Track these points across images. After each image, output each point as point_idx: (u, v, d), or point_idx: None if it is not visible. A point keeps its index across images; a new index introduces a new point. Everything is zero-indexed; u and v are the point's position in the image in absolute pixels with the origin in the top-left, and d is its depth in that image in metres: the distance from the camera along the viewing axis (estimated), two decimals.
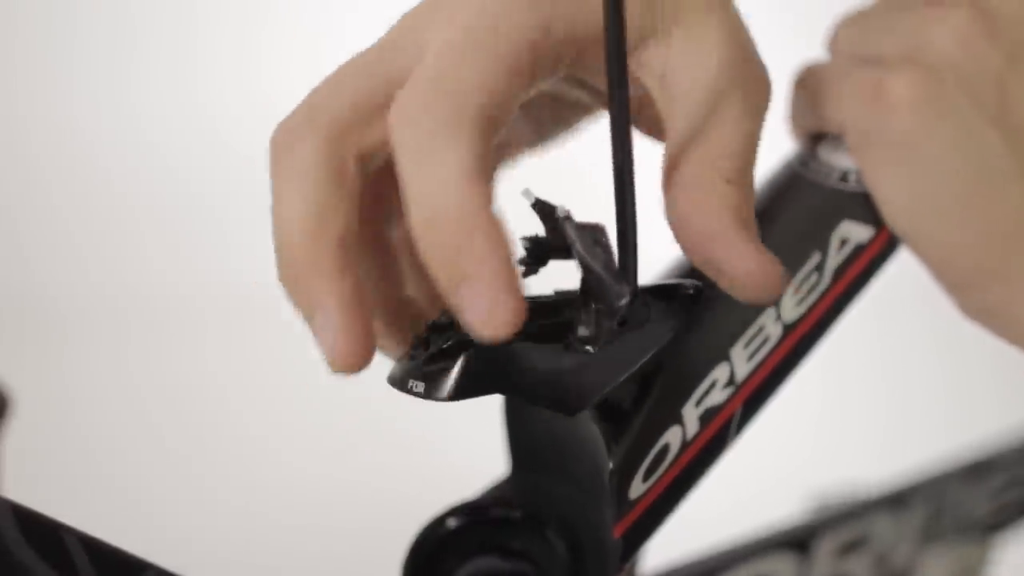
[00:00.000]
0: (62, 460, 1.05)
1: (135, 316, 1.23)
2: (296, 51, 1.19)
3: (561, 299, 0.28)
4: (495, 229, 0.24)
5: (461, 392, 0.26)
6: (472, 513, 0.32)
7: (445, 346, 0.26)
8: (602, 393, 0.27)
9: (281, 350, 1.14)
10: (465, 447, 0.73)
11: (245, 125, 1.20)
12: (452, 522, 0.32)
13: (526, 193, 0.26)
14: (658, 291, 0.29)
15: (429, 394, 0.26)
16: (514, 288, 0.24)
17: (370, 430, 1.01)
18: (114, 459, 1.06)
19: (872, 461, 0.86)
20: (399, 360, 0.28)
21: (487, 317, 0.24)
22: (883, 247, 0.32)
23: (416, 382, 0.26)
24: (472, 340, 0.26)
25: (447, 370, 0.26)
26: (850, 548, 0.47)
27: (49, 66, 1.24)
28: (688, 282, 0.29)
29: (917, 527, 0.49)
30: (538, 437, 0.32)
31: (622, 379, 0.27)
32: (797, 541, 0.45)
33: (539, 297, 0.28)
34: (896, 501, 0.48)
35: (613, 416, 0.29)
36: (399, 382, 0.27)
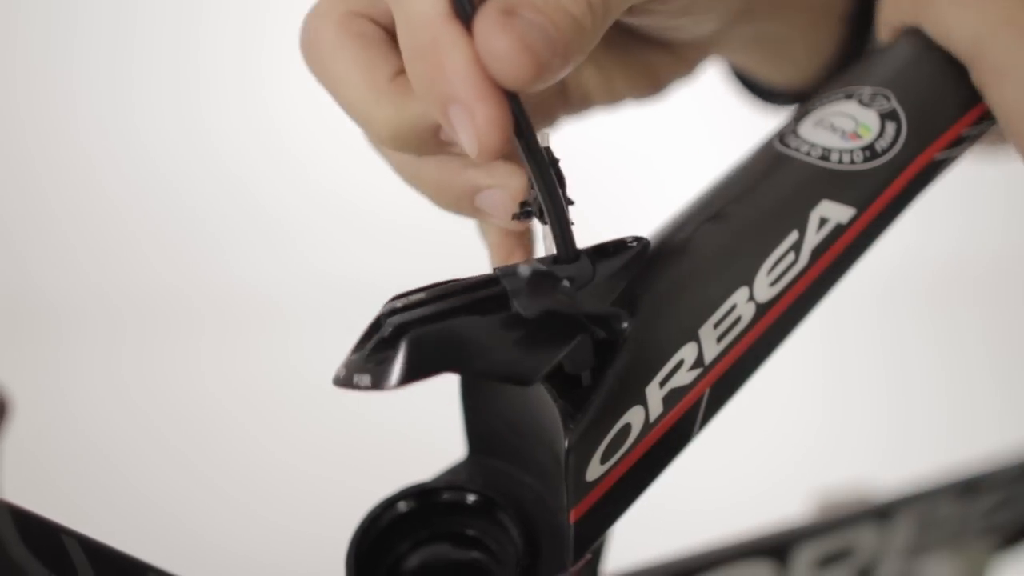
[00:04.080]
0: (60, 461, 1.05)
1: (131, 318, 1.23)
2: (293, 62, 1.19)
3: (499, 273, 0.27)
4: (463, 47, 0.24)
5: (408, 376, 0.24)
6: (423, 497, 0.31)
7: (387, 335, 0.25)
8: (556, 357, 0.25)
9: (275, 352, 1.15)
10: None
11: (241, 130, 1.21)
12: (403, 505, 0.31)
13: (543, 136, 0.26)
14: (600, 250, 0.28)
15: (377, 384, 0.24)
16: (494, 100, 0.24)
17: (365, 431, 1.00)
18: (112, 460, 1.06)
19: (876, 460, 0.85)
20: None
21: (475, 132, 0.24)
22: (865, 229, 0.30)
23: (361, 375, 0.25)
24: (413, 323, 0.25)
25: (391, 357, 0.24)
26: (831, 559, 0.45)
27: (47, 71, 1.24)
28: (630, 237, 0.28)
29: (902, 543, 0.48)
30: (496, 419, 0.31)
31: (575, 342, 0.26)
32: (775, 548, 0.43)
33: (474, 277, 0.27)
34: (882, 514, 0.46)
35: (572, 393, 0.27)
36: (344, 380, 0.25)
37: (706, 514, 0.68)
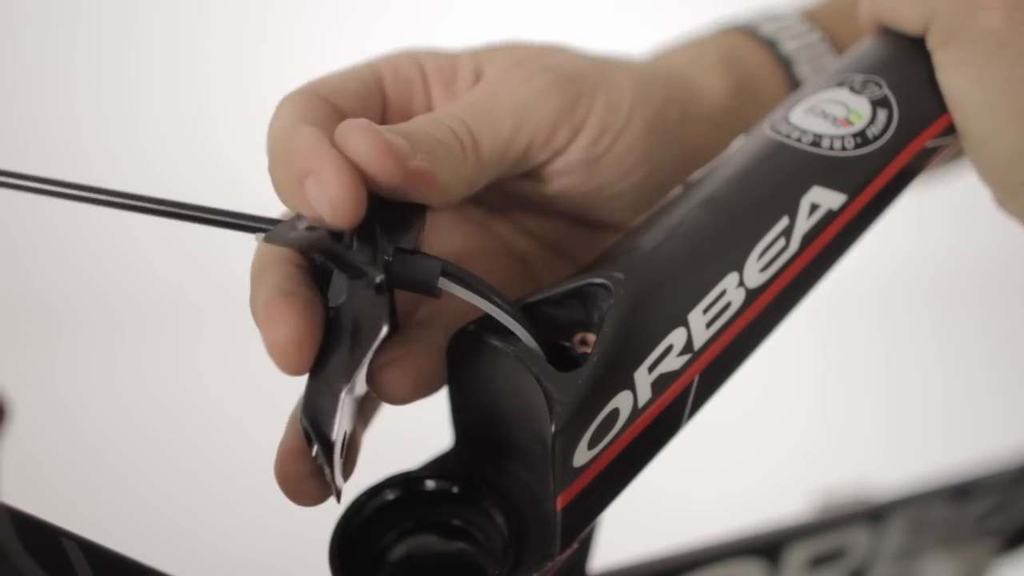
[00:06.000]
0: (60, 463, 1.05)
1: (129, 318, 1.22)
2: (290, 60, 1.19)
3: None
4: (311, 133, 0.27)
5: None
6: (408, 485, 0.30)
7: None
8: (439, 260, 0.27)
9: None
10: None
11: (239, 128, 1.21)
12: (387, 494, 0.30)
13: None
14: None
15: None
16: (344, 168, 0.26)
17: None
18: (112, 461, 1.06)
19: (876, 460, 0.84)
20: None
21: (328, 198, 0.26)
22: (857, 216, 0.30)
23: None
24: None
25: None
26: (822, 560, 0.45)
27: (47, 70, 1.24)
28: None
29: (895, 545, 0.47)
30: (482, 408, 0.30)
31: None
32: (767, 548, 0.43)
33: None
34: (874, 516, 0.46)
35: (560, 379, 0.27)
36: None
37: (707, 515, 0.67)
